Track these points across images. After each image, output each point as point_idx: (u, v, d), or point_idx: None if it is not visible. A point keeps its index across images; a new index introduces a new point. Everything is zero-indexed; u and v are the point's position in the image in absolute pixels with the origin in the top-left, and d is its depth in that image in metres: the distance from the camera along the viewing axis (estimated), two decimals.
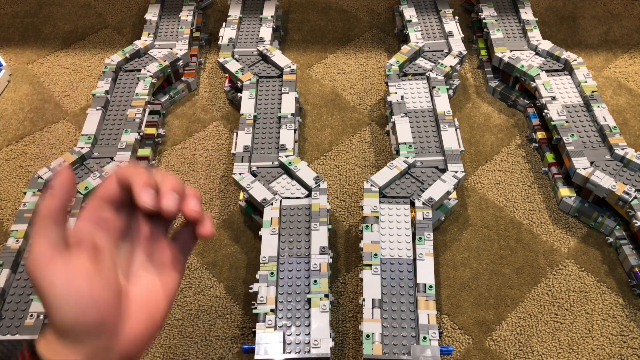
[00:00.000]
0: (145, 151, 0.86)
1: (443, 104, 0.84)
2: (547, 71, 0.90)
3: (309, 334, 0.60)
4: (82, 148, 0.80)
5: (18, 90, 1.00)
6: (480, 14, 1.02)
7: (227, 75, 0.97)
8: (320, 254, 0.66)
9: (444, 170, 0.76)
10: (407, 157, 0.77)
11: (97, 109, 0.85)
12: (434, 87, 0.86)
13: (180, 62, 0.96)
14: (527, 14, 1.00)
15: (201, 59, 1.04)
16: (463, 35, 0.96)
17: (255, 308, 0.62)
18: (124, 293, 0.40)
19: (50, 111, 0.96)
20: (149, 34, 0.99)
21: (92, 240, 0.40)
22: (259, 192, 0.73)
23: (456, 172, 0.75)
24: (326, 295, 0.62)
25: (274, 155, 0.79)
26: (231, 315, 0.70)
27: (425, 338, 0.59)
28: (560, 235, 0.77)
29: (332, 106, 0.96)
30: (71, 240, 0.39)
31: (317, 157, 0.88)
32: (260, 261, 0.65)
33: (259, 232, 0.69)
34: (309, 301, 0.62)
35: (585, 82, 0.87)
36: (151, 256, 0.41)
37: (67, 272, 0.37)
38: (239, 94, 0.90)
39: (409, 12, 1.02)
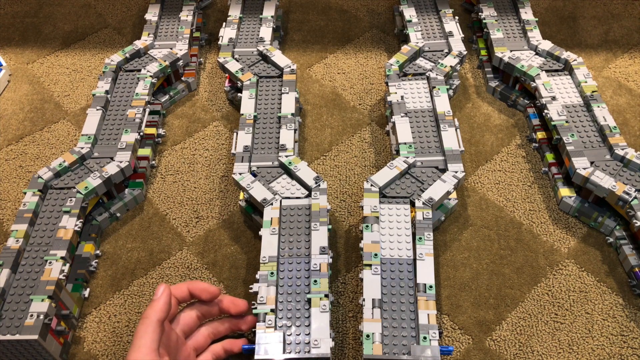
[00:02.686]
0: (145, 151, 0.86)
1: (443, 104, 0.84)
2: (547, 71, 0.90)
3: (309, 334, 0.60)
4: (82, 148, 0.80)
5: (18, 90, 1.00)
6: (480, 14, 1.02)
7: (227, 75, 0.97)
8: (320, 254, 0.66)
9: (444, 170, 0.76)
10: (407, 157, 0.77)
11: (97, 109, 0.85)
12: (434, 87, 0.86)
13: (180, 62, 0.96)
14: (527, 14, 1.00)
15: (201, 59, 1.04)
16: (463, 35, 0.96)
17: (255, 308, 0.62)
18: None
19: (50, 111, 0.96)
20: (149, 34, 0.99)
21: (171, 354, 0.58)
22: (259, 192, 0.73)
23: (456, 172, 0.75)
24: (326, 295, 0.62)
25: (274, 155, 0.79)
26: None
27: (425, 338, 0.59)
28: (560, 235, 0.77)
29: (332, 106, 0.96)
30: (163, 350, 0.56)
31: (317, 157, 0.88)
32: (260, 261, 0.66)
33: (259, 232, 0.69)
34: (309, 301, 0.62)
35: (585, 82, 0.87)
36: None
37: None
38: (239, 94, 0.90)
39: (409, 12, 1.02)
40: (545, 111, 0.84)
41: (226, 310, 0.65)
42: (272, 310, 0.61)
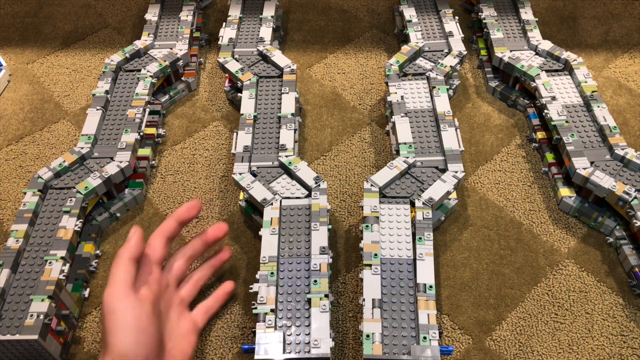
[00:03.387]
0: (145, 151, 0.86)
1: (443, 104, 0.84)
2: (547, 71, 0.90)
3: (309, 334, 0.60)
4: (82, 148, 0.80)
5: (18, 90, 1.00)
6: (480, 14, 1.02)
7: (227, 75, 0.97)
8: (320, 254, 0.66)
9: (444, 170, 0.76)
10: (407, 157, 0.77)
11: (97, 109, 0.85)
12: (434, 87, 0.86)
13: (180, 62, 0.96)
14: (527, 14, 1.00)
15: (201, 59, 1.04)
16: (463, 35, 0.96)
17: (255, 308, 0.62)
18: (166, 336, 0.59)
19: (50, 111, 0.96)
20: (149, 34, 0.99)
21: (154, 292, 0.56)
22: (259, 192, 0.73)
23: (456, 172, 0.75)
24: (326, 295, 0.62)
25: (274, 155, 0.79)
26: (231, 315, 0.70)
27: (425, 338, 0.59)
28: (560, 235, 0.77)
29: (332, 106, 0.96)
30: (140, 286, 0.56)
31: (317, 157, 0.88)
32: (260, 261, 0.66)
33: (259, 232, 0.69)
34: (309, 301, 0.62)
35: (585, 82, 0.87)
36: (181, 316, 0.61)
37: (136, 309, 0.52)
38: (239, 94, 0.90)
39: (409, 12, 1.02)
40: (545, 111, 0.84)
41: (214, 238, 0.68)
42: (272, 310, 0.61)
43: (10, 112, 0.96)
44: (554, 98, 0.85)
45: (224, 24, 1.00)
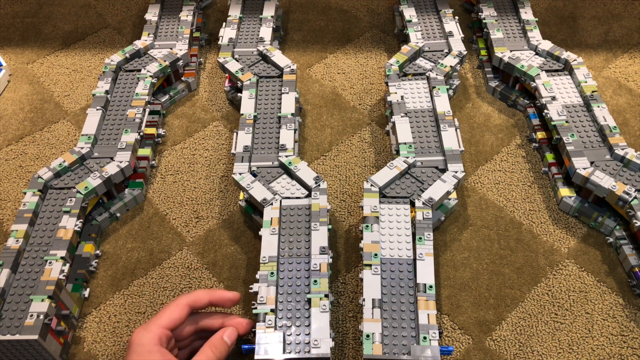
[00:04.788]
0: (145, 151, 0.86)
1: (443, 104, 0.84)
2: (547, 71, 0.90)
3: (309, 334, 0.60)
4: (82, 148, 0.80)
5: (18, 90, 1.00)
6: (480, 14, 1.02)
7: (227, 75, 0.97)
8: (320, 254, 0.66)
9: (444, 170, 0.76)
10: (407, 157, 0.77)
11: (97, 109, 0.85)
12: (434, 87, 0.86)
13: (180, 62, 0.96)
14: (527, 14, 1.00)
15: (201, 59, 1.04)
16: (463, 35, 0.96)
17: (255, 308, 0.62)
18: None
19: (50, 111, 0.96)
20: (149, 34, 0.99)
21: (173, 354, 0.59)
22: (259, 192, 0.73)
23: (456, 172, 0.75)
24: (326, 295, 0.62)
25: (274, 155, 0.79)
26: None
27: (425, 338, 0.59)
28: (560, 235, 0.77)
29: (332, 106, 0.96)
30: (165, 344, 0.57)
31: (317, 157, 0.88)
32: (260, 261, 0.66)
33: (259, 232, 0.69)
34: (309, 301, 0.62)
35: (585, 82, 0.87)
36: None
37: None
38: (239, 94, 0.90)
39: (409, 12, 1.02)
40: (545, 111, 0.84)
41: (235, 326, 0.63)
42: (272, 310, 0.61)
43: (10, 112, 0.96)
44: (554, 98, 0.85)
45: (224, 24, 1.00)
